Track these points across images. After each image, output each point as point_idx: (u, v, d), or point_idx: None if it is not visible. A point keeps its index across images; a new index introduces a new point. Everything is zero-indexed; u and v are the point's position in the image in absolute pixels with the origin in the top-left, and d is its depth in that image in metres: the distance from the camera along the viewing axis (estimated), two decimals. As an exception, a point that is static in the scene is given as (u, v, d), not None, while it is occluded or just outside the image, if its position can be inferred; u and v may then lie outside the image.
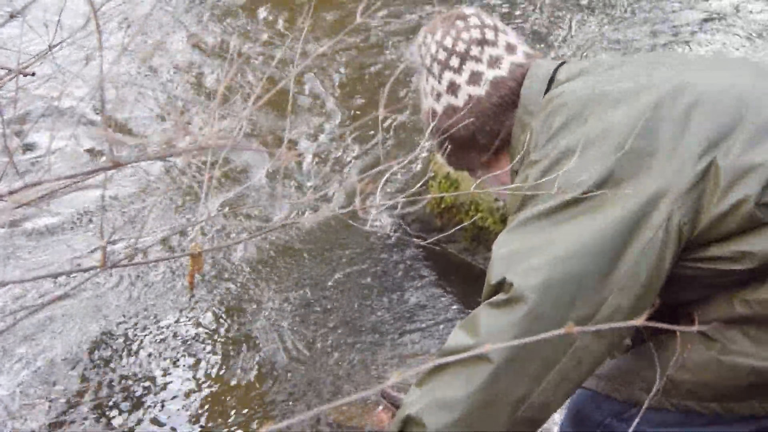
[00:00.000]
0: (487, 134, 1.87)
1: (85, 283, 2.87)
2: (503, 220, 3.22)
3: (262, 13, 4.90)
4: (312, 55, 1.38)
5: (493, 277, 1.63)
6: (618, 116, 1.66)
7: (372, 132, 3.93)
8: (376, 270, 3.28)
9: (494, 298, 1.62)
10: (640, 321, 1.03)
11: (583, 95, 1.72)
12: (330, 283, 3.21)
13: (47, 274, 2.83)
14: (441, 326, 3.03)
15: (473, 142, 1.88)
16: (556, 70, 1.84)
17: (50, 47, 2.02)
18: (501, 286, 1.61)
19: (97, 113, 3.71)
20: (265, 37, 4.36)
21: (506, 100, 1.85)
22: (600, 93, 1.71)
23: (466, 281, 3.23)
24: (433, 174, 3.38)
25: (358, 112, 4.17)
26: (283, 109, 3.96)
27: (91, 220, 3.40)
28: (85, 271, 2.71)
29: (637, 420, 1.61)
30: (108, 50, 1.32)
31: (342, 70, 4.54)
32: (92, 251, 3.18)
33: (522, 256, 1.60)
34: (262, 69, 4.36)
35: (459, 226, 3.26)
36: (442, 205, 3.40)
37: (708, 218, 1.60)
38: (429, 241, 2.73)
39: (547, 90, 1.81)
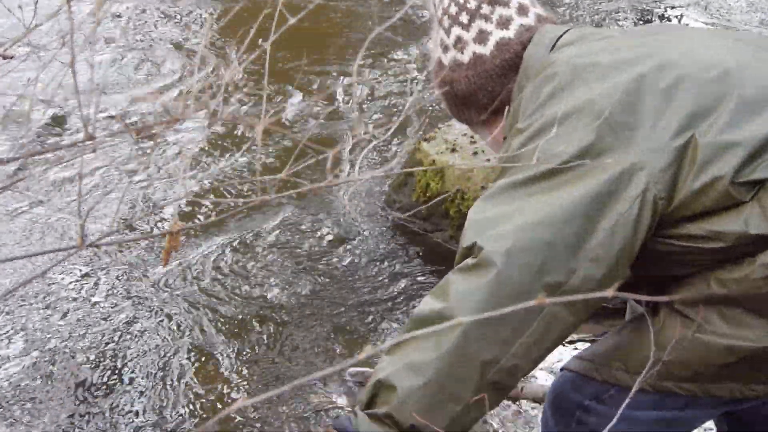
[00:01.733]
0: (487, 94, 1.87)
1: (63, 263, 2.80)
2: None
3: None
4: (286, 25, 1.35)
5: (464, 241, 1.65)
6: (605, 88, 1.66)
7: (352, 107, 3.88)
8: (360, 258, 3.23)
9: (464, 262, 1.64)
10: (610, 292, 1.02)
11: (577, 64, 1.72)
12: (313, 269, 3.17)
13: (24, 255, 2.76)
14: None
15: (473, 99, 1.89)
16: (560, 36, 1.83)
17: (28, 29, 1.97)
18: (471, 250, 1.63)
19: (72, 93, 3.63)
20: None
21: (510, 63, 1.85)
22: (592, 63, 1.71)
23: (450, 269, 3.19)
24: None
25: (337, 82, 4.13)
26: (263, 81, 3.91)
27: (66, 200, 3.34)
28: (63, 250, 2.65)
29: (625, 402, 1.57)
30: (81, 32, 1.28)
31: (320, 39, 4.50)
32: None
33: (493, 222, 1.62)
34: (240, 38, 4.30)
35: (438, 199, 3.24)
36: (428, 194, 3.36)
37: (684, 194, 1.61)
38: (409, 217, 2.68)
39: None
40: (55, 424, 2.52)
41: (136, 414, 2.56)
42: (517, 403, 2.63)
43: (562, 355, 2.66)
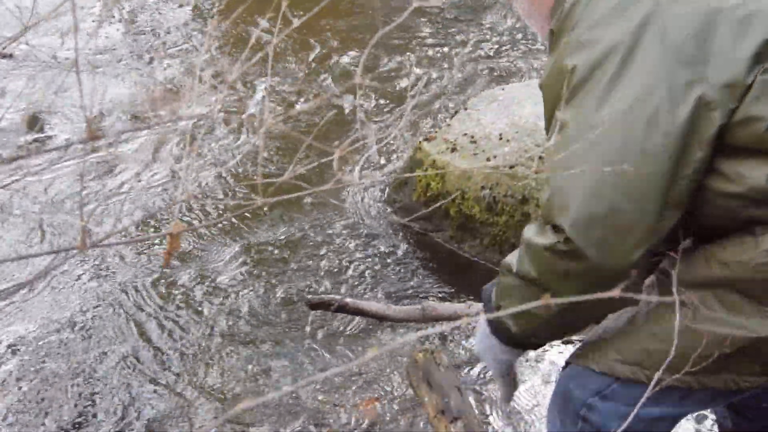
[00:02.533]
0: None
1: (64, 264, 2.80)
2: (489, 209, 3.18)
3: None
4: (288, 29, 1.35)
5: (548, 209, 1.64)
6: (680, 14, 1.63)
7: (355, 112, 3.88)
8: (362, 257, 3.23)
9: (554, 245, 1.63)
10: (616, 292, 1.02)
11: None
12: (315, 269, 3.17)
13: (27, 255, 2.76)
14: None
15: None
16: None
17: (26, 28, 1.97)
18: (556, 227, 1.64)
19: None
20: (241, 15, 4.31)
21: None
22: None
23: (453, 269, 3.19)
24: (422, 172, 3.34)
25: (341, 84, 4.13)
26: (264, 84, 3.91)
27: (67, 201, 3.33)
28: (66, 251, 2.65)
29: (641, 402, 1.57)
30: (83, 31, 1.27)
31: (322, 42, 4.50)
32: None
33: (571, 197, 1.62)
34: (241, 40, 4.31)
35: (438, 204, 3.24)
36: (429, 194, 3.36)
37: (731, 125, 1.61)
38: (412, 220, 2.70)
39: None
40: (53, 424, 2.52)
41: (136, 415, 2.57)
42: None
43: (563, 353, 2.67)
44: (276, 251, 3.23)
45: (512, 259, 1.75)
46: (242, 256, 3.19)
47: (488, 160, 3.19)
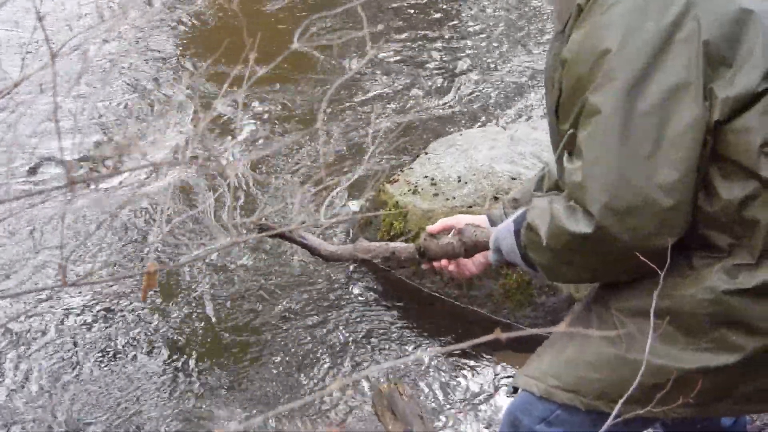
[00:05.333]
0: None
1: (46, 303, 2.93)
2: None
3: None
4: (254, 77, 1.47)
5: (580, 194, 1.69)
6: (715, 10, 1.66)
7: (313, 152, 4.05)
8: (326, 293, 3.38)
9: (586, 231, 1.68)
10: (562, 327, 1.13)
11: None
12: (279, 304, 3.30)
13: (7, 294, 2.88)
14: (388, 347, 3.14)
15: None
16: None
17: (15, 84, 2.08)
18: (588, 213, 1.68)
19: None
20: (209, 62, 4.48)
21: None
22: None
23: (415, 304, 3.36)
24: (385, 211, 3.51)
25: (303, 133, 4.30)
26: (228, 131, 4.08)
27: (46, 240, 3.47)
28: (48, 289, 2.78)
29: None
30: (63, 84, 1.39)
31: (286, 89, 4.67)
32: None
33: (604, 184, 1.66)
34: (210, 88, 4.47)
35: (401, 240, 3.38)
36: (392, 233, 3.53)
37: (727, 131, 1.66)
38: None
39: None
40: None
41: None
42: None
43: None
44: (242, 286, 3.37)
45: (540, 221, 1.78)
46: (209, 293, 3.33)
47: (447, 201, 3.39)
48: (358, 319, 3.26)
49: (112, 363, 3.00)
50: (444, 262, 2.10)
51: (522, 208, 1.94)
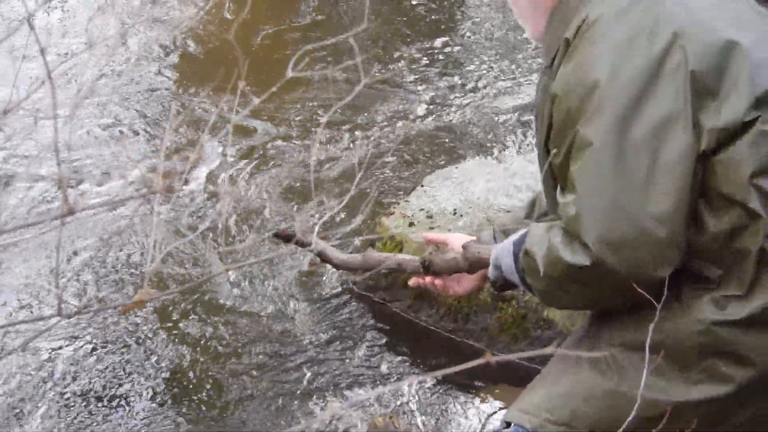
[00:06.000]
0: None
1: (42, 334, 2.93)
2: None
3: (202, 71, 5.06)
4: (246, 109, 1.49)
5: (575, 226, 1.69)
6: (702, 41, 1.68)
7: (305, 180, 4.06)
8: (321, 325, 3.38)
9: (583, 263, 1.68)
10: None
11: (660, 13, 1.71)
12: (272, 336, 3.30)
13: (5, 324, 2.88)
14: (383, 379, 3.14)
15: None
16: None
17: (4, 112, 2.09)
18: (584, 245, 1.68)
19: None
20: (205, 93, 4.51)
21: None
22: (695, 19, 1.71)
23: (410, 337, 3.35)
24: (380, 236, 3.52)
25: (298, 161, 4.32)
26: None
27: (42, 270, 3.47)
28: (43, 319, 2.77)
29: None
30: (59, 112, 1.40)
31: (279, 118, 4.69)
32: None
33: (599, 217, 1.67)
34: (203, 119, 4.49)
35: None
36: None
37: (715, 163, 1.68)
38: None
39: None
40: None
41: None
42: None
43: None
44: (234, 316, 3.37)
45: (537, 249, 1.78)
46: (200, 322, 3.33)
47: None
48: (352, 352, 3.26)
49: (93, 397, 3.00)
50: (429, 278, 2.12)
51: (522, 229, 1.95)
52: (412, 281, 2.19)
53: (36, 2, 4.07)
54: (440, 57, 5.42)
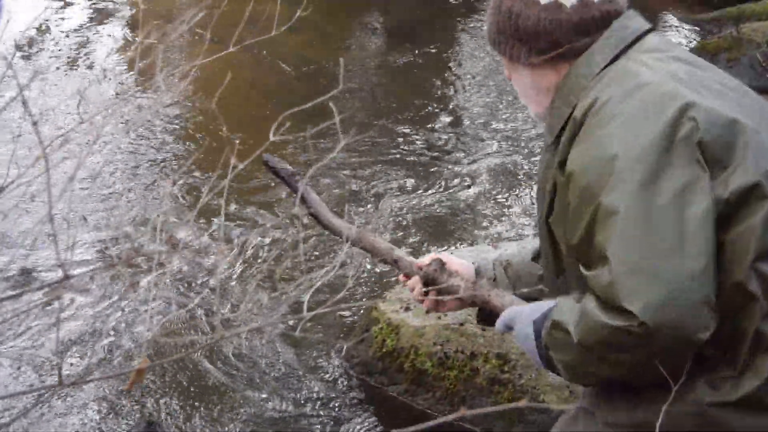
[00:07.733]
0: (551, 42, 1.87)
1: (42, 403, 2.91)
2: (441, 364, 3.36)
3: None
4: (231, 174, 1.53)
5: (612, 294, 1.67)
6: (710, 113, 1.72)
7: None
8: (319, 409, 3.36)
9: (627, 327, 1.66)
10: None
11: (668, 91, 1.76)
12: (268, 418, 3.27)
13: (3, 395, 2.86)
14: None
15: (534, 40, 1.88)
16: (646, 33, 1.84)
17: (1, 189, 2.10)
18: (624, 310, 1.67)
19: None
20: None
21: (584, 27, 1.85)
22: (686, 101, 1.74)
23: (407, 421, 3.32)
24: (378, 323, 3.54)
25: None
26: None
27: (41, 339, 3.45)
28: (45, 389, 2.75)
29: None
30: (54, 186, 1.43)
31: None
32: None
33: (639, 283, 1.66)
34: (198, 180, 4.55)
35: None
36: (384, 350, 3.54)
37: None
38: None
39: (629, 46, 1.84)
40: None
41: None
42: None
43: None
44: (229, 393, 3.35)
45: (568, 318, 1.76)
46: (194, 394, 3.30)
47: (440, 318, 3.42)
48: (350, 434, 3.23)
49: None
50: (418, 288, 2.15)
51: (543, 303, 1.92)
52: (401, 278, 2.24)
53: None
54: (432, 119, 5.50)
